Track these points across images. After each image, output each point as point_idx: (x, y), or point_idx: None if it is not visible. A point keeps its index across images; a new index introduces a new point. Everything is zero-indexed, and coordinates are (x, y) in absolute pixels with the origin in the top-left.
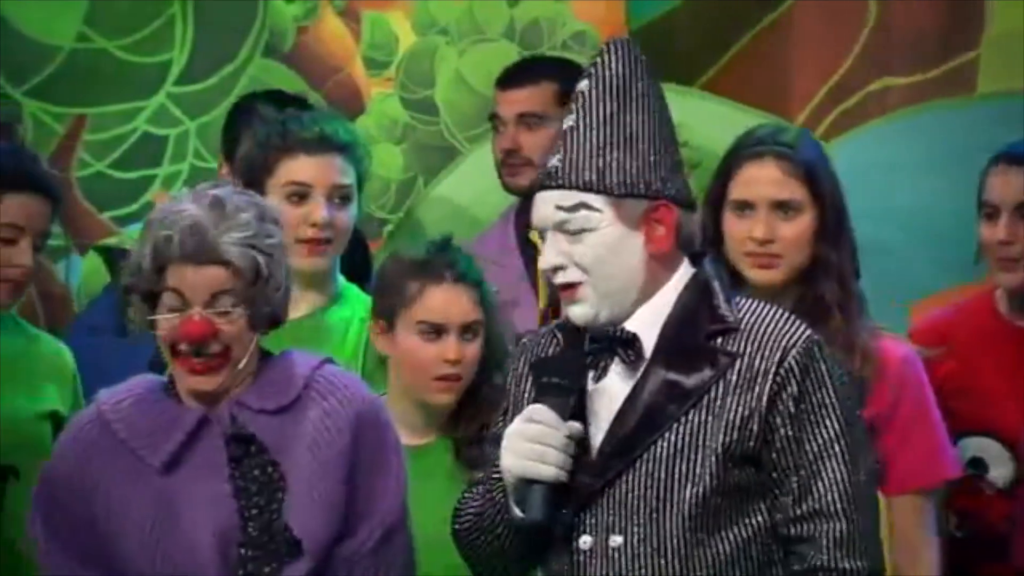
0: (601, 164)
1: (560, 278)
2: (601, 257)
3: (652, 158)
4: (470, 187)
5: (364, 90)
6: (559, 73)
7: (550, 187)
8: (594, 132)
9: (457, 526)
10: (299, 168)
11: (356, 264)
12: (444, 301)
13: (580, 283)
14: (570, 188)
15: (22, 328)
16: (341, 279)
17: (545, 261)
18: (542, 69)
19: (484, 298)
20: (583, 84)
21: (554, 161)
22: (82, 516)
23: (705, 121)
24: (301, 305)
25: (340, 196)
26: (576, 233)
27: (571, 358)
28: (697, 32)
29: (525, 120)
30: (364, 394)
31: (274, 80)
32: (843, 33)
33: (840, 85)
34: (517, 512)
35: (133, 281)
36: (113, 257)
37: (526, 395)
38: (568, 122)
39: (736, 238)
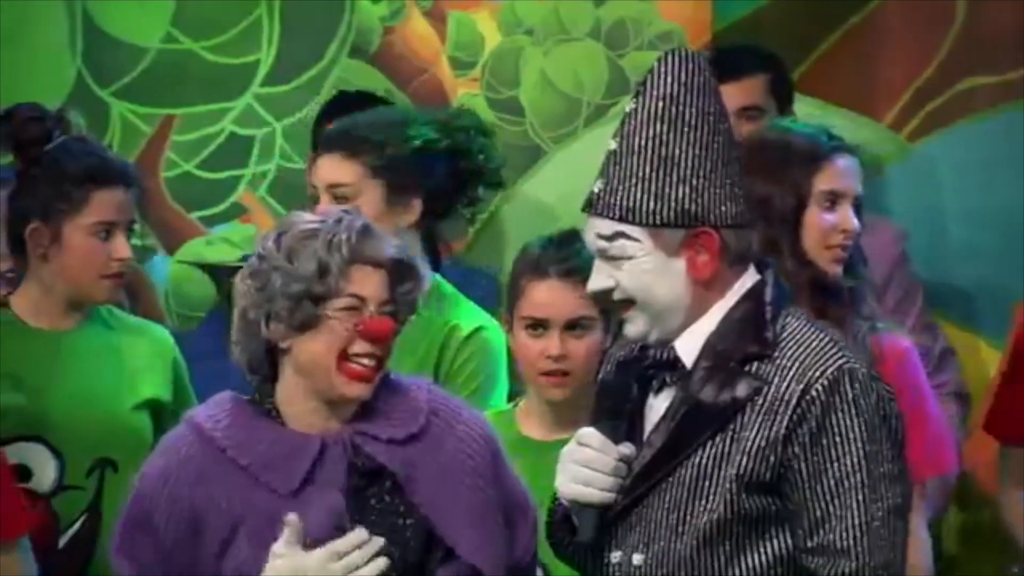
0: (639, 193)
1: (614, 297)
2: (644, 284)
3: (695, 182)
4: (555, 187)
5: (450, 90)
6: (768, 64)
7: (591, 214)
8: (635, 157)
9: (548, 528)
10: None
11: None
12: (547, 296)
13: (632, 302)
14: (608, 217)
15: (117, 318)
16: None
17: (592, 286)
18: (751, 61)
19: None
20: (630, 104)
21: (596, 186)
22: (176, 540)
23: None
24: None
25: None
26: (618, 259)
27: (623, 380)
28: (784, 31)
29: (747, 113)
30: (478, 414)
31: (360, 81)
32: (930, 33)
33: (927, 85)
34: (569, 532)
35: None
36: (218, 275)
37: None
38: (611, 145)
39: (823, 230)
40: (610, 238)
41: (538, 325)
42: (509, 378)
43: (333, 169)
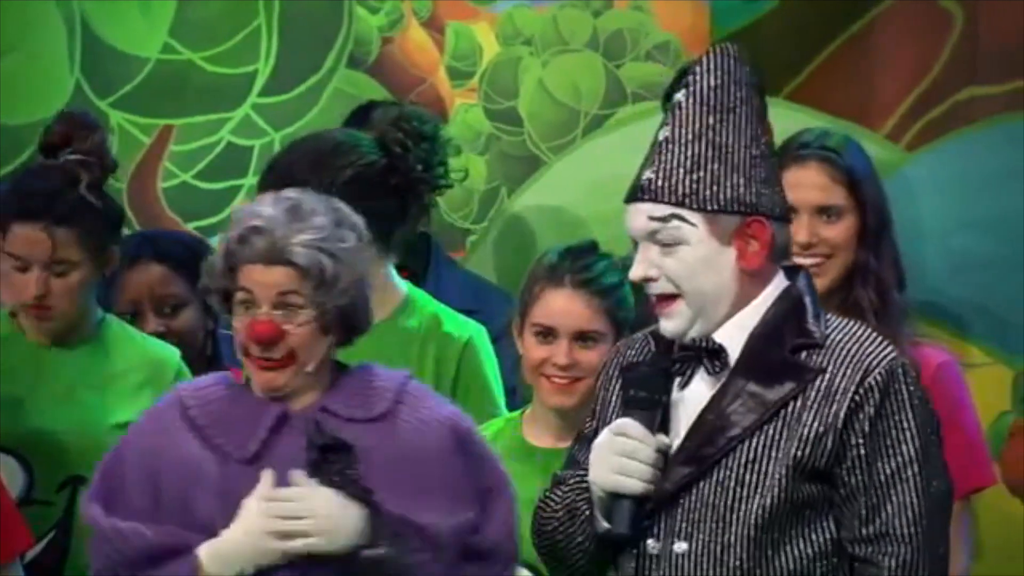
0: (696, 178)
1: (654, 289)
2: (694, 271)
3: (747, 172)
4: (554, 197)
5: (448, 100)
6: None
7: (643, 200)
8: (689, 145)
9: (538, 525)
10: None
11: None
12: (559, 305)
13: (675, 297)
14: (664, 202)
15: (123, 339)
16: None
17: (635, 273)
18: None
19: (616, 308)
20: (679, 95)
21: (648, 174)
22: (146, 493)
23: (790, 131)
24: None
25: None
26: (669, 245)
27: (657, 370)
28: (782, 42)
29: None
30: (453, 408)
31: (358, 91)
32: (929, 42)
33: (926, 95)
34: (603, 524)
35: (208, 281)
36: None
37: (614, 398)
38: (663, 134)
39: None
40: (665, 219)
41: (548, 333)
42: (519, 384)
43: None
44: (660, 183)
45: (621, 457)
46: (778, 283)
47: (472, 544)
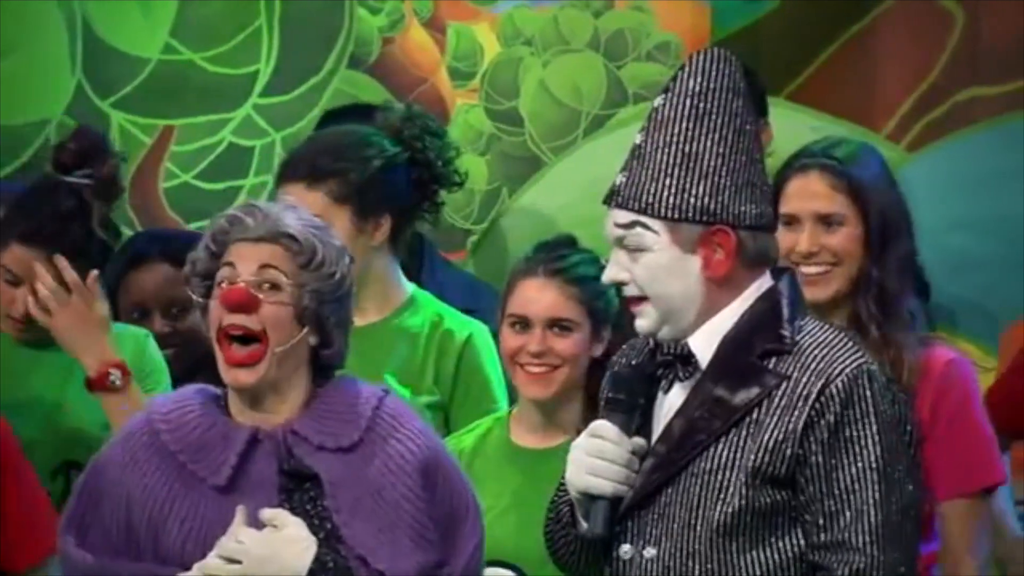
0: (660, 187)
1: (625, 291)
2: (657, 278)
3: (717, 180)
4: (554, 198)
5: (449, 101)
6: None
7: (612, 205)
8: (660, 152)
9: (547, 526)
10: None
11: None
12: (531, 293)
13: (643, 299)
14: (628, 209)
15: None
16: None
17: (607, 275)
18: None
19: (591, 298)
20: (658, 100)
21: (619, 179)
22: (116, 523)
23: (791, 132)
24: None
25: None
26: (634, 251)
27: (638, 374)
28: (783, 42)
29: None
30: (426, 435)
31: (359, 91)
32: (929, 43)
33: (927, 95)
34: (583, 524)
35: (190, 268)
36: None
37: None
38: (637, 139)
39: (783, 251)
40: (628, 226)
41: (522, 323)
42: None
43: (297, 201)
44: (627, 190)
45: (594, 458)
46: (757, 288)
47: None
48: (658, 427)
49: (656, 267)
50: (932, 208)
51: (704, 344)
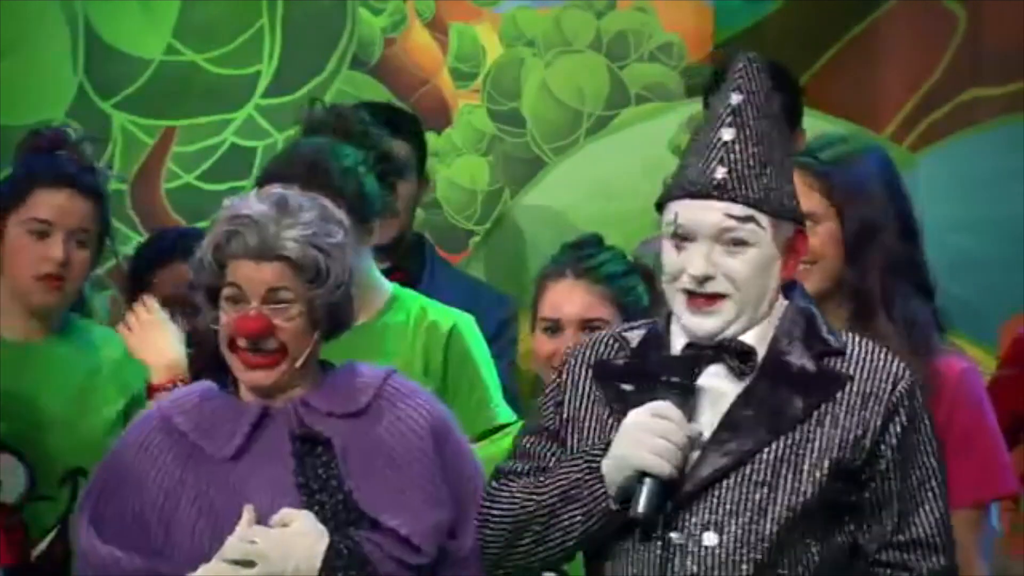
0: (764, 183)
1: (707, 287)
2: (753, 274)
3: (791, 181)
4: (557, 198)
5: (451, 102)
6: (779, 82)
7: (720, 198)
8: (755, 148)
9: (498, 516)
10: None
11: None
12: (561, 296)
13: (724, 296)
14: (743, 203)
15: (87, 328)
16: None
17: (697, 268)
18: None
19: (620, 295)
20: (735, 98)
21: (720, 172)
22: (131, 508)
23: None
24: None
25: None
26: (737, 245)
27: (687, 359)
28: (785, 43)
29: None
30: (434, 403)
31: (361, 92)
32: (932, 44)
33: (929, 96)
34: (613, 505)
35: (196, 278)
36: None
37: (586, 394)
38: (726, 135)
39: None
40: (743, 219)
41: (554, 327)
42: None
43: None
44: (736, 183)
45: (658, 438)
46: (785, 291)
47: (449, 550)
48: (701, 416)
49: (756, 264)
50: (933, 208)
51: (758, 341)
